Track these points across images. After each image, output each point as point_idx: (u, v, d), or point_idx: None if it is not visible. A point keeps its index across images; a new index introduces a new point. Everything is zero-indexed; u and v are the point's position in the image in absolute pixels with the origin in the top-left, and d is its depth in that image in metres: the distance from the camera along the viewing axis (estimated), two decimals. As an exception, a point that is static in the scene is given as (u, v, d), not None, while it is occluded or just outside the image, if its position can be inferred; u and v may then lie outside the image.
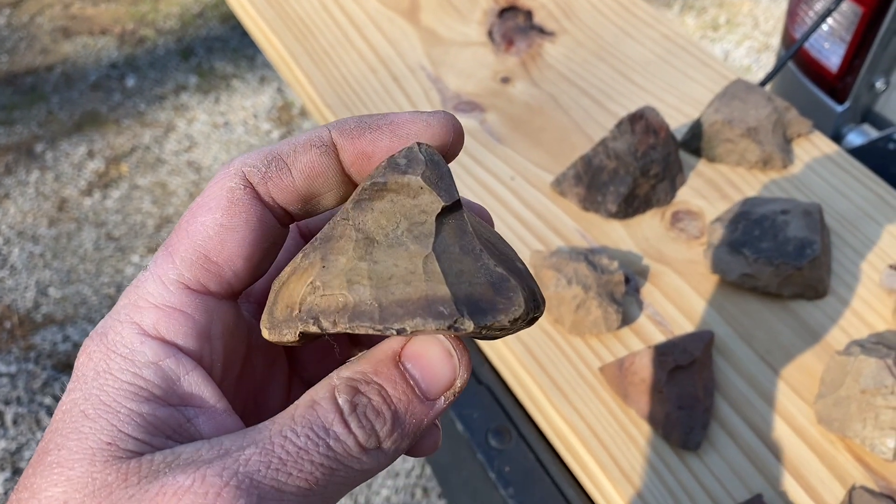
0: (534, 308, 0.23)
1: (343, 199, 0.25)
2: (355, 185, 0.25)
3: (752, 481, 0.51)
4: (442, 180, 0.23)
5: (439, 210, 0.22)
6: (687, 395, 0.54)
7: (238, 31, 2.47)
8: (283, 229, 0.25)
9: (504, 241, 0.26)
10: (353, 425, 0.22)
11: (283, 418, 0.22)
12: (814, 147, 0.69)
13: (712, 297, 0.60)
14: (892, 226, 0.63)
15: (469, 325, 0.21)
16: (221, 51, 2.40)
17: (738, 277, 0.59)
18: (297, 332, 0.22)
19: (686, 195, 0.66)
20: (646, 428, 0.54)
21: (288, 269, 0.24)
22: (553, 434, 0.57)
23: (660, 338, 0.58)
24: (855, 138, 0.94)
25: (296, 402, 0.22)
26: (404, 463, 1.54)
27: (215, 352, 0.24)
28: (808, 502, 0.50)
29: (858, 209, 0.65)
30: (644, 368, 0.54)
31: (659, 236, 0.64)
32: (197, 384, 0.22)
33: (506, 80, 0.77)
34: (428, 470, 1.52)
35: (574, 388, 0.57)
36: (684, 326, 0.59)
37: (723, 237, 0.60)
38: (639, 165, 0.62)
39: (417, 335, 0.23)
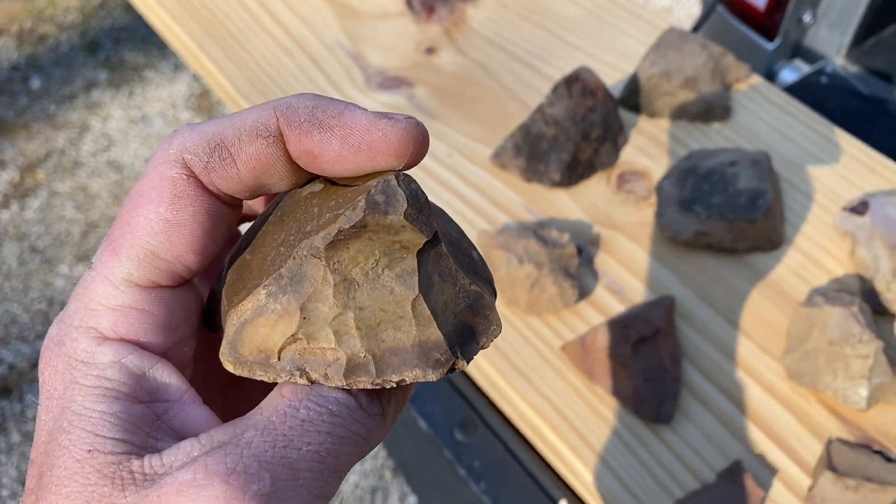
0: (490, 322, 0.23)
1: (292, 186, 0.23)
2: (304, 174, 0.23)
3: (728, 447, 0.50)
4: (422, 213, 0.21)
5: (421, 246, 0.21)
6: (653, 366, 0.52)
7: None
8: (233, 210, 0.23)
9: (453, 223, 0.25)
10: (361, 398, 0.21)
11: (274, 400, 0.21)
12: (754, 91, 0.67)
13: (668, 260, 0.58)
14: (840, 166, 0.62)
15: (464, 364, 0.21)
16: (129, 41, 2.29)
17: (692, 236, 0.57)
18: (276, 378, 0.21)
19: (630, 155, 0.64)
20: (615, 404, 0.52)
21: (248, 303, 0.22)
22: (520, 420, 0.54)
23: (619, 308, 0.56)
24: (788, 75, 0.93)
25: (279, 384, 0.21)
26: (369, 447, 1.51)
27: (180, 340, 0.23)
28: (786, 462, 0.49)
29: (805, 152, 0.63)
30: (607, 344, 0.52)
31: (606, 201, 0.61)
32: (163, 377, 0.22)
33: (430, 51, 0.72)
34: (394, 451, 1.49)
35: (536, 370, 0.54)
36: (642, 293, 0.57)
37: (672, 196, 0.58)
38: (579, 130, 0.59)
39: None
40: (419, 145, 0.21)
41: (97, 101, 2.15)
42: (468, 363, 0.21)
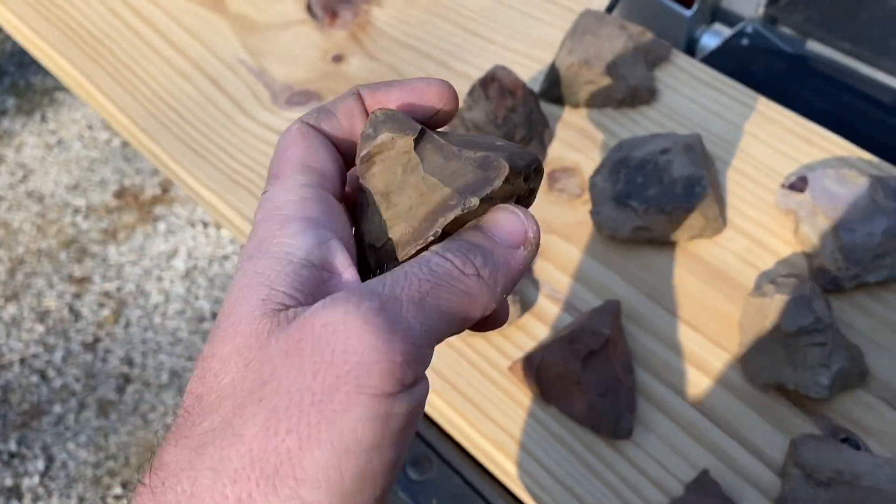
0: (524, 161, 0.27)
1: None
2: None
3: (694, 456, 0.47)
4: (403, 123, 0.27)
5: (412, 143, 0.27)
6: (607, 378, 0.49)
7: (47, 38, 2.24)
8: (340, 154, 0.30)
9: (483, 134, 0.27)
10: (449, 255, 0.26)
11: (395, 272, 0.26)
12: (679, 70, 0.65)
13: (609, 259, 0.55)
14: (774, 140, 0.60)
15: (474, 201, 0.26)
16: (35, 64, 2.17)
17: (631, 232, 0.54)
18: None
19: (558, 151, 0.60)
20: (571, 424, 0.49)
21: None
22: (474, 450, 0.51)
23: (564, 317, 0.53)
24: (709, 40, 0.91)
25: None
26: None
27: (344, 237, 0.28)
28: (755, 464, 0.47)
29: (737, 128, 0.61)
30: (556, 362, 0.49)
31: (538, 203, 0.58)
32: (333, 250, 0.26)
33: (338, 59, 0.68)
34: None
35: (485, 395, 0.51)
36: (586, 298, 0.54)
37: (606, 192, 0.55)
38: (501, 133, 0.56)
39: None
40: (450, 94, 0.30)
41: (7, 129, 2.05)
42: (479, 199, 0.26)
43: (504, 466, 0.49)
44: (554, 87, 0.61)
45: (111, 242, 1.85)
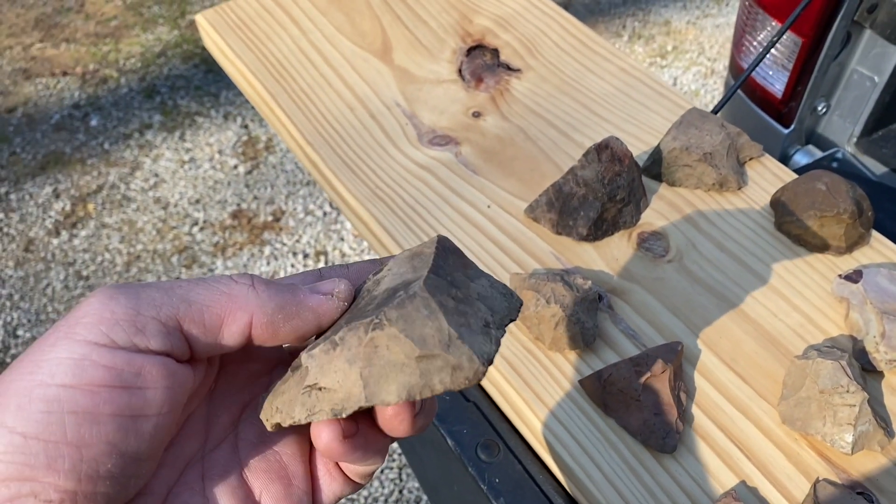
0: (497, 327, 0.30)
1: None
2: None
3: (725, 479, 0.56)
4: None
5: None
6: (661, 402, 0.58)
7: (201, 70, 2.49)
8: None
9: (467, 262, 0.33)
10: (236, 275, 0.31)
11: None
12: (765, 168, 0.75)
13: (679, 311, 0.65)
14: (839, 239, 0.69)
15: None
16: (185, 88, 2.43)
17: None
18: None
19: (650, 217, 0.71)
20: (625, 435, 0.58)
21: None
22: (539, 445, 0.61)
23: (633, 350, 0.62)
24: (801, 158, 1.00)
25: None
26: (382, 489, 1.55)
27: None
28: (776, 496, 0.55)
29: (808, 225, 0.70)
30: (621, 380, 0.58)
31: (627, 256, 0.68)
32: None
33: (477, 115, 0.81)
34: (406, 494, 1.54)
35: (556, 400, 0.60)
36: (655, 339, 0.63)
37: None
38: (606, 191, 0.67)
39: None
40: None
41: (150, 141, 2.28)
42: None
43: (563, 459, 0.58)
44: (655, 165, 0.73)
45: (219, 256, 2.01)
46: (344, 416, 0.29)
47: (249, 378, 0.36)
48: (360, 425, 0.31)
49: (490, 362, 0.29)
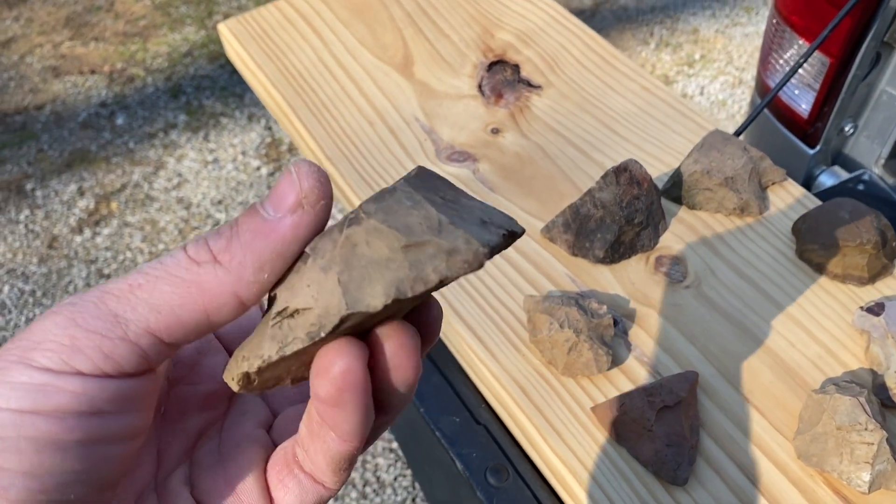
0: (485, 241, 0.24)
1: None
2: None
3: (737, 514, 0.55)
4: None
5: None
6: (674, 433, 0.57)
7: (227, 70, 2.51)
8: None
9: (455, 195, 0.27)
10: (189, 244, 0.26)
11: None
12: (787, 193, 0.74)
13: (696, 339, 0.64)
14: (862, 269, 0.67)
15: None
16: (210, 89, 2.44)
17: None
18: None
19: (669, 241, 0.70)
20: (636, 465, 0.57)
21: None
22: (549, 471, 0.60)
23: (647, 378, 0.62)
24: (826, 179, 0.99)
25: None
26: (396, 496, 1.55)
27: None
28: (789, 534, 0.54)
29: (830, 253, 0.69)
30: (634, 409, 0.57)
31: (644, 280, 0.67)
32: None
33: (496, 131, 0.81)
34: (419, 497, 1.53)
35: (568, 427, 0.60)
36: (670, 367, 0.62)
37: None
38: (624, 214, 0.66)
39: None
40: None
41: (174, 141, 2.29)
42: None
43: (572, 488, 0.57)
44: (675, 188, 0.72)
45: (240, 257, 2.01)
46: (323, 335, 0.24)
47: (204, 401, 0.33)
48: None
49: (492, 250, 0.24)
